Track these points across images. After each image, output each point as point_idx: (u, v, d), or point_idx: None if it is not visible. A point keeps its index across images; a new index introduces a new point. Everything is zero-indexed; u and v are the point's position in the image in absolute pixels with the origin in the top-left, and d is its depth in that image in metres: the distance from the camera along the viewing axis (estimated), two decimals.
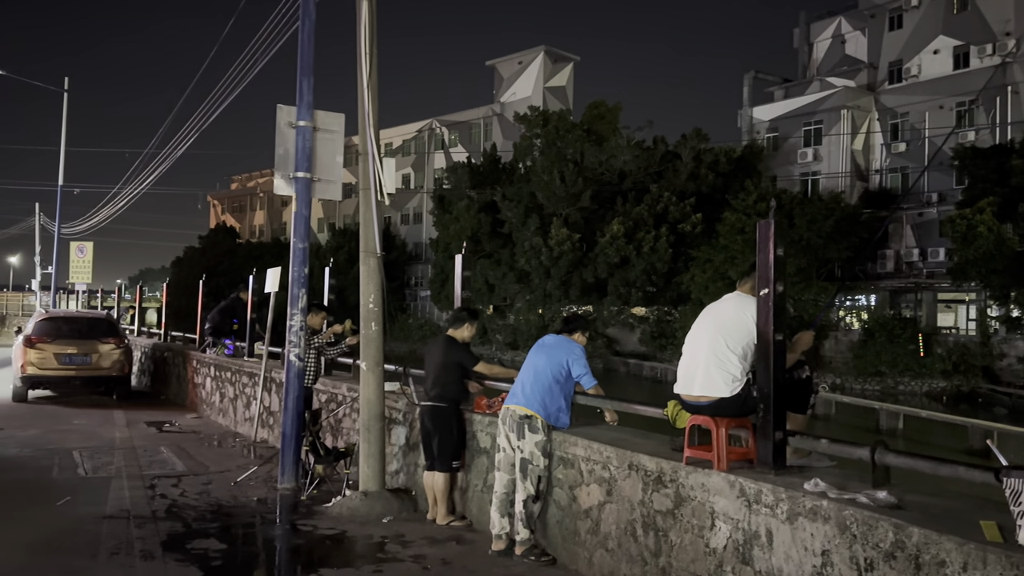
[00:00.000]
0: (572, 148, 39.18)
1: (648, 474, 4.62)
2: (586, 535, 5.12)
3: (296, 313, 7.65)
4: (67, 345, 13.92)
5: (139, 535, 5.95)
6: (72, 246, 30.01)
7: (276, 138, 7.58)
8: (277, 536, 6.31)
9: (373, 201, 7.17)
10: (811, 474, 3.98)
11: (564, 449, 5.39)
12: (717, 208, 35.20)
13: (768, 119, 43.68)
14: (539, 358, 5.65)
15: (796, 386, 4.32)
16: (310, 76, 7.67)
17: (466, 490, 6.49)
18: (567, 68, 57.85)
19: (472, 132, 58.14)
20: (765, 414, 4.09)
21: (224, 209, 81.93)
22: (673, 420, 4.60)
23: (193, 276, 44.89)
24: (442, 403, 6.30)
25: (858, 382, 29.62)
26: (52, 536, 5.87)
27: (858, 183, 40.37)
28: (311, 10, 7.74)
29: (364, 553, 5.73)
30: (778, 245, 4.04)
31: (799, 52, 46.84)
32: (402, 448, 7.47)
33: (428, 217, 53.24)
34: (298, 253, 7.74)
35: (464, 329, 6.53)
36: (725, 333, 4.30)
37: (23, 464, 8.58)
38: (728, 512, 4.09)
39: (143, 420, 12.24)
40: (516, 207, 38.87)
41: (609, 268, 36.32)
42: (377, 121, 7.23)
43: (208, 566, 5.34)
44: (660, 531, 4.51)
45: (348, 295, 24.16)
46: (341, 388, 8.86)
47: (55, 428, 11.22)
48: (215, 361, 13.04)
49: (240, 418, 11.61)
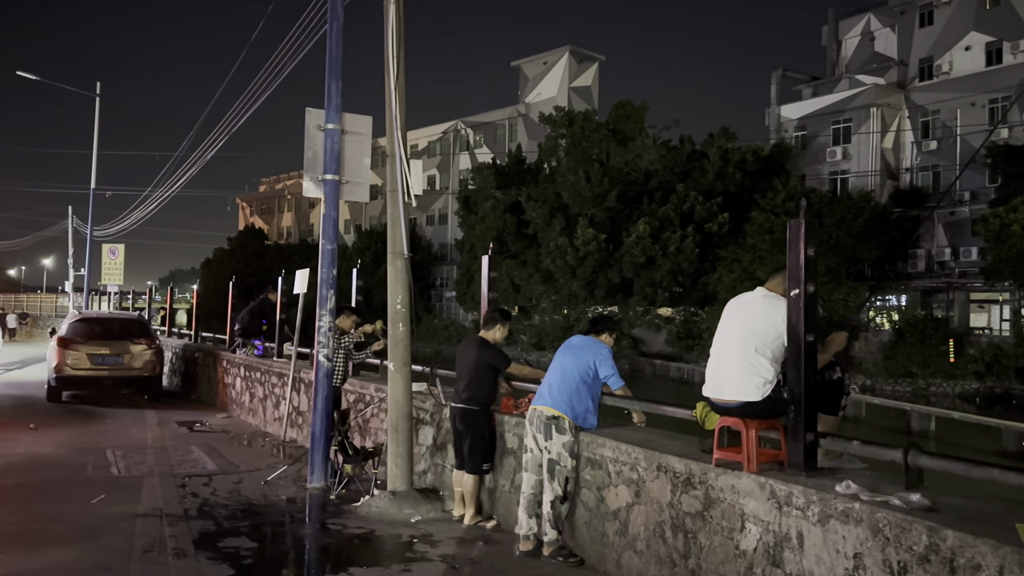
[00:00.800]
0: (598, 148, 39.07)
1: (677, 476, 4.60)
2: (614, 536, 5.11)
3: (325, 314, 7.71)
4: (100, 346, 14.15)
5: (172, 533, 6.03)
6: (104, 248, 30.48)
7: (305, 141, 7.66)
8: (307, 535, 6.37)
9: (401, 203, 7.22)
10: (843, 476, 3.94)
11: (592, 450, 5.38)
12: (745, 208, 34.91)
13: (796, 118, 43.24)
14: (566, 359, 5.65)
15: (827, 387, 4.27)
16: (338, 79, 7.74)
17: (494, 491, 6.51)
18: (592, 68, 57.70)
19: (497, 133, 58.20)
20: (796, 416, 4.06)
21: (253, 211, 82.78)
22: (702, 422, 4.58)
23: (222, 277, 45.42)
24: (474, 405, 6.32)
25: (889, 383, 29.22)
26: (87, 534, 5.97)
27: (888, 182, 39.84)
28: (339, 13, 7.81)
29: (393, 552, 5.77)
30: (809, 245, 4.01)
31: (827, 50, 46.32)
32: (429, 448, 7.50)
33: (453, 218, 53.41)
34: (326, 254, 7.81)
35: (496, 331, 6.55)
36: (755, 336, 4.27)
37: (58, 462, 8.74)
38: (758, 514, 4.06)
39: (174, 420, 12.40)
40: (541, 207, 38.85)
41: (635, 268, 36.17)
42: (405, 123, 7.28)
43: (239, 564, 5.41)
44: (689, 533, 4.49)
45: (375, 296, 24.27)
46: (369, 388, 8.92)
47: (88, 427, 11.41)
48: (245, 361, 13.19)
49: (269, 418, 11.73)
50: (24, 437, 10.34)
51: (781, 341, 4.18)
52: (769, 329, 4.23)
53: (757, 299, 4.45)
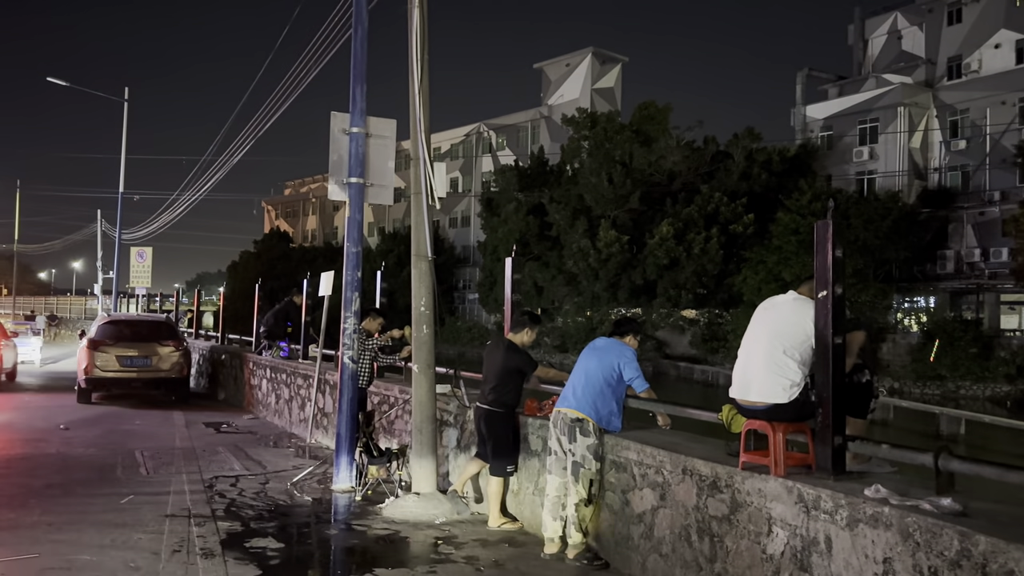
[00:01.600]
0: (620, 149, 38.94)
1: (703, 479, 4.57)
2: (639, 539, 5.09)
3: (350, 316, 7.76)
4: (128, 348, 14.34)
5: (199, 533, 6.10)
6: (132, 251, 30.92)
7: (330, 144, 7.71)
8: (332, 536, 6.41)
9: (424, 205, 7.26)
10: (871, 480, 3.90)
11: (616, 453, 5.37)
12: (770, 208, 34.62)
13: (822, 117, 42.83)
14: (590, 361, 5.64)
15: (856, 390, 4.23)
16: (363, 83, 7.79)
17: (517, 492, 6.51)
18: (615, 69, 57.58)
19: (520, 135, 58.26)
20: (824, 419, 4.02)
21: (278, 214, 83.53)
22: (728, 424, 4.55)
23: (248, 280, 45.84)
24: (499, 408, 6.33)
25: (917, 386, 28.84)
26: (117, 533, 6.05)
27: (916, 182, 39.33)
28: (364, 18, 7.86)
29: (418, 553, 5.79)
30: (836, 246, 3.97)
31: (854, 49, 45.85)
32: (453, 450, 7.52)
33: (476, 220, 53.52)
34: (351, 257, 7.86)
35: (524, 334, 6.55)
36: (783, 338, 4.24)
37: (88, 463, 8.86)
38: (785, 518, 4.03)
39: (201, 421, 12.54)
40: (564, 209, 38.80)
41: (658, 270, 36.00)
42: (428, 127, 7.31)
43: (266, 565, 5.45)
44: (715, 536, 4.46)
45: (398, 298, 24.38)
46: (393, 390, 8.96)
47: (118, 428, 11.57)
48: (271, 363, 13.31)
49: (295, 419, 11.82)
50: (55, 438, 10.52)
51: (809, 343, 4.15)
52: (798, 331, 4.20)
53: (787, 302, 4.42)
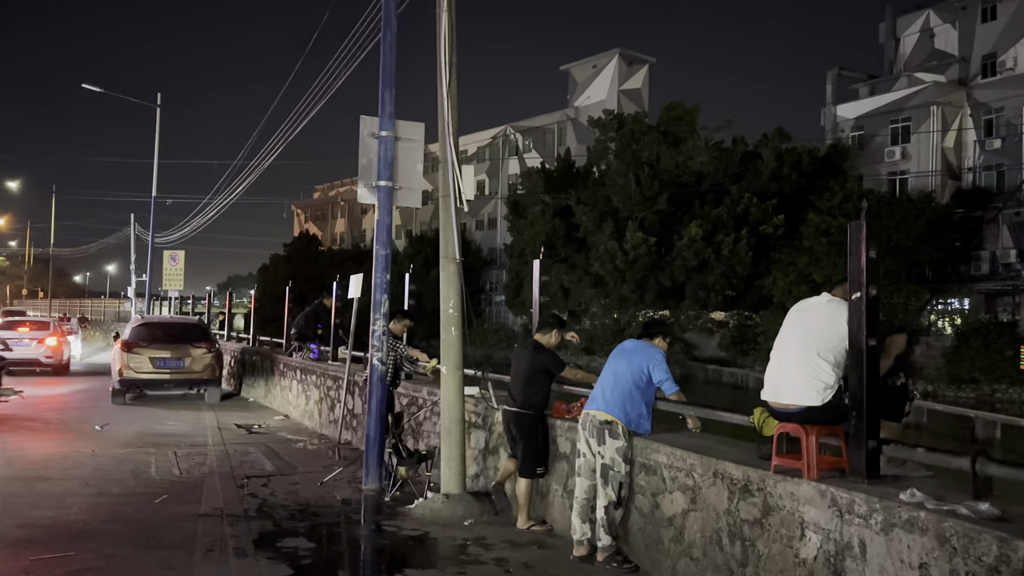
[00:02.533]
0: (648, 151, 38.77)
1: (734, 482, 4.54)
2: (670, 543, 5.06)
3: (379, 318, 7.81)
4: (162, 349, 14.55)
5: (232, 533, 6.17)
6: (165, 255, 31.38)
7: (359, 148, 7.77)
8: (362, 536, 6.46)
9: (453, 208, 7.28)
10: (907, 484, 3.84)
11: (646, 456, 5.34)
12: (800, 209, 34.24)
13: (853, 117, 42.29)
14: (619, 363, 5.62)
15: (891, 393, 4.17)
16: (392, 87, 7.84)
17: (546, 495, 6.51)
18: (642, 70, 57.34)
19: (546, 137, 58.23)
20: (858, 422, 3.97)
21: (307, 218, 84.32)
22: (760, 427, 4.51)
23: (278, 283, 46.29)
24: (528, 410, 6.33)
25: (951, 389, 28.35)
26: (152, 532, 6.14)
27: (949, 182, 38.69)
28: (392, 23, 7.91)
29: (447, 555, 5.81)
30: (870, 247, 3.93)
31: (885, 48, 45.24)
32: (482, 452, 7.54)
33: (502, 223, 53.58)
34: (380, 259, 7.91)
35: (551, 335, 6.57)
36: (817, 340, 4.19)
37: (123, 463, 9.00)
38: (819, 522, 3.99)
39: (233, 422, 12.68)
40: (591, 211, 38.70)
41: (687, 272, 35.77)
42: (456, 130, 7.34)
43: (298, 564, 5.51)
44: (747, 540, 4.43)
45: (425, 300, 24.42)
46: (422, 391, 9.00)
47: (151, 429, 11.74)
48: (301, 365, 13.43)
49: (325, 420, 11.91)
50: (90, 438, 10.70)
51: (843, 345, 4.10)
52: (832, 333, 4.15)
53: (820, 304, 4.38)
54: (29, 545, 5.73)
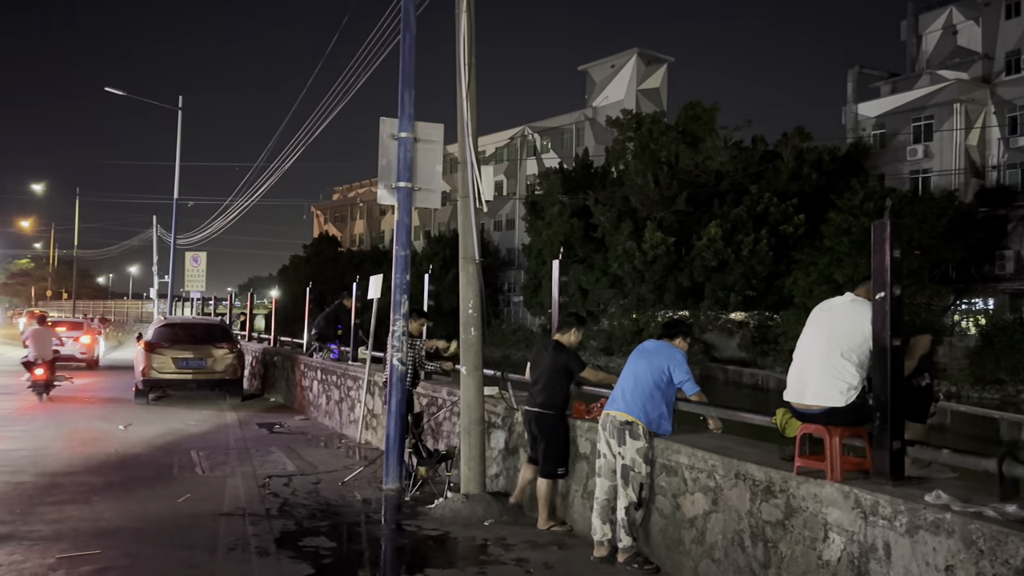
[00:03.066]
0: (666, 150, 38.59)
1: (756, 483, 4.51)
2: (691, 544, 5.04)
3: (399, 319, 7.84)
4: (184, 350, 14.68)
5: (254, 532, 6.22)
6: (187, 256, 31.67)
7: (379, 149, 7.80)
8: (383, 535, 6.48)
9: (472, 208, 7.30)
10: (932, 486, 3.80)
11: (667, 456, 5.33)
12: (821, 209, 33.95)
13: (874, 115, 41.88)
14: (639, 364, 5.61)
15: (915, 394, 4.13)
16: (411, 88, 7.87)
17: (566, 495, 6.50)
18: (661, 70, 57.13)
19: (564, 138, 58.15)
20: (882, 423, 3.94)
21: (327, 219, 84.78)
22: (782, 429, 4.48)
23: (298, 284, 46.58)
24: (549, 409, 6.34)
25: (975, 390, 27.99)
26: (175, 531, 6.20)
27: (973, 180, 38.22)
28: (412, 24, 7.93)
29: (467, 555, 5.82)
30: (895, 246, 3.89)
31: (907, 45, 44.75)
32: (501, 452, 7.54)
33: (520, 223, 53.58)
34: (400, 260, 7.93)
35: (571, 334, 6.56)
36: (840, 340, 4.16)
37: (147, 462, 9.11)
38: (842, 524, 3.95)
39: (254, 421, 12.78)
40: (609, 211, 38.58)
41: (706, 272, 35.57)
42: (476, 130, 7.35)
43: (319, 563, 5.54)
44: (769, 542, 4.40)
45: (444, 301, 24.53)
46: (441, 392, 9.02)
47: (174, 428, 11.85)
48: (321, 365, 13.50)
49: (345, 420, 11.97)
50: (114, 438, 10.82)
51: (867, 346, 4.07)
52: (855, 333, 4.12)
53: (844, 303, 4.34)
54: (56, 542, 5.81)
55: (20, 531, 6.08)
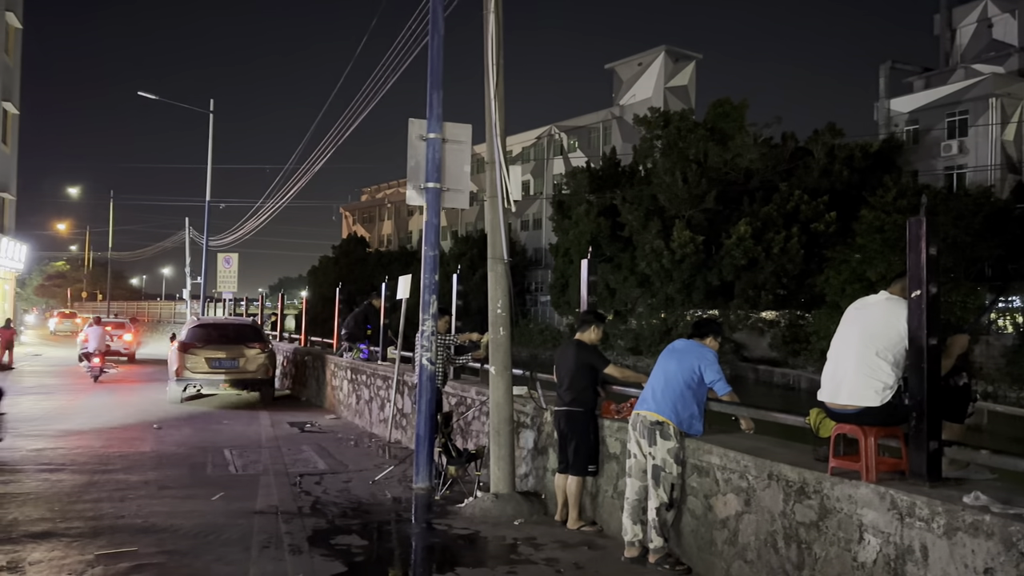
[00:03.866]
0: (695, 148, 38.29)
1: (790, 484, 4.47)
2: (723, 545, 5.01)
3: (428, 319, 7.87)
4: (217, 350, 14.87)
5: (287, 530, 6.29)
6: (219, 257, 32.07)
7: (408, 150, 7.84)
8: (414, 534, 6.52)
9: (500, 208, 7.31)
10: (970, 487, 3.74)
11: (698, 457, 5.29)
12: (853, 206, 33.50)
13: (907, 111, 41.23)
14: (670, 363, 5.57)
15: (952, 394, 4.07)
16: (439, 90, 7.89)
17: (596, 495, 6.48)
18: (689, 67, 56.75)
19: (591, 136, 58.00)
20: (919, 423, 3.88)
21: (355, 220, 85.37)
22: (816, 429, 4.43)
23: (328, 284, 46.93)
24: (578, 407, 6.33)
25: (1012, 390, 27.44)
26: (209, 529, 6.29)
27: (1009, 176, 37.47)
28: (440, 25, 7.96)
29: (497, 554, 5.83)
30: (930, 244, 3.83)
31: (940, 39, 44.00)
32: (531, 452, 7.54)
33: (547, 223, 53.51)
34: (429, 260, 7.96)
35: (591, 332, 6.56)
36: (875, 339, 4.10)
37: (180, 461, 9.24)
38: (878, 525, 3.90)
39: (286, 420, 12.91)
40: (637, 210, 38.38)
41: (735, 270, 35.26)
42: (504, 130, 7.36)
43: (351, 561, 5.58)
44: (803, 543, 4.35)
45: (471, 300, 24.48)
46: (470, 391, 9.05)
47: (207, 427, 12.02)
48: (351, 365, 13.61)
49: (375, 419, 12.05)
50: (149, 436, 11.00)
51: (903, 345, 4.01)
52: (891, 332, 4.06)
53: (879, 302, 4.28)
54: (94, 539, 5.92)
55: (59, 528, 6.21)
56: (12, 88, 35.38)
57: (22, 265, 37.33)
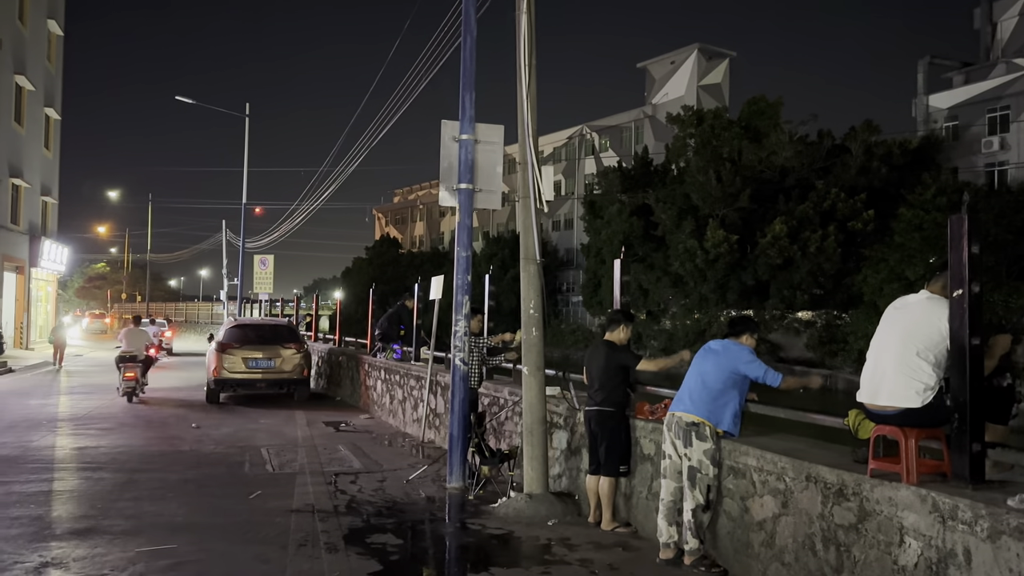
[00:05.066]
0: (729, 146, 37.92)
1: (828, 486, 4.41)
2: (760, 548, 4.95)
3: (460, 319, 7.89)
4: (254, 350, 15.06)
5: (323, 528, 6.35)
6: (255, 259, 32.53)
7: (441, 152, 7.87)
8: (448, 534, 6.54)
9: (532, 209, 7.30)
10: (1015, 489, 3.66)
11: (734, 458, 5.24)
12: (891, 204, 32.92)
13: (947, 107, 40.41)
14: (705, 363, 5.53)
15: (996, 395, 3.98)
16: (472, 91, 7.92)
17: (630, 496, 6.45)
18: (722, 65, 56.23)
19: (623, 136, 57.75)
20: (961, 424, 3.80)
21: (387, 221, 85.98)
22: (855, 430, 4.36)
23: (361, 285, 47.34)
24: (609, 407, 6.30)
25: None
26: (247, 527, 6.38)
27: None
28: (472, 27, 7.99)
29: (531, 554, 5.83)
30: (973, 242, 3.75)
31: (981, 34, 43.03)
32: (564, 452, 7.53)
33: (579, 223, 53.39)
34: (462, 261, 7.99)
35: (620, 331, 6.52)
36: (915, 339, 4.03)
37: (219, 460, 9.38)
38: (919, 528, 3.83)
39: (321, 420, 13.04)
40: (670, 209, 38.11)
41: (771, 270, 34.85)
42: (536, 131, 7.36)
43: (387, 560, 5.62)
44: (842, 546, 4.29)
45: (503, 301, 24.56)
46: (503, 392, 9.06)
47: (244, 427, 12.19)
48: (385, 365, 13.70)
49: (408, 419, 12.12)
50: (188, 436, 11.18)
51: (945, 345, 3.93)
52: (932, 332, 3.98)
53: (919, 301, 4.20)
54: (135, 536, 6.03)
55: (102, 525, 6.34)
56: (54, 94, 36.27)
57: (64, 267, 38.20)
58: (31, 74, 31.45)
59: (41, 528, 6.23)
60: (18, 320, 31.96)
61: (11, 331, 30.61)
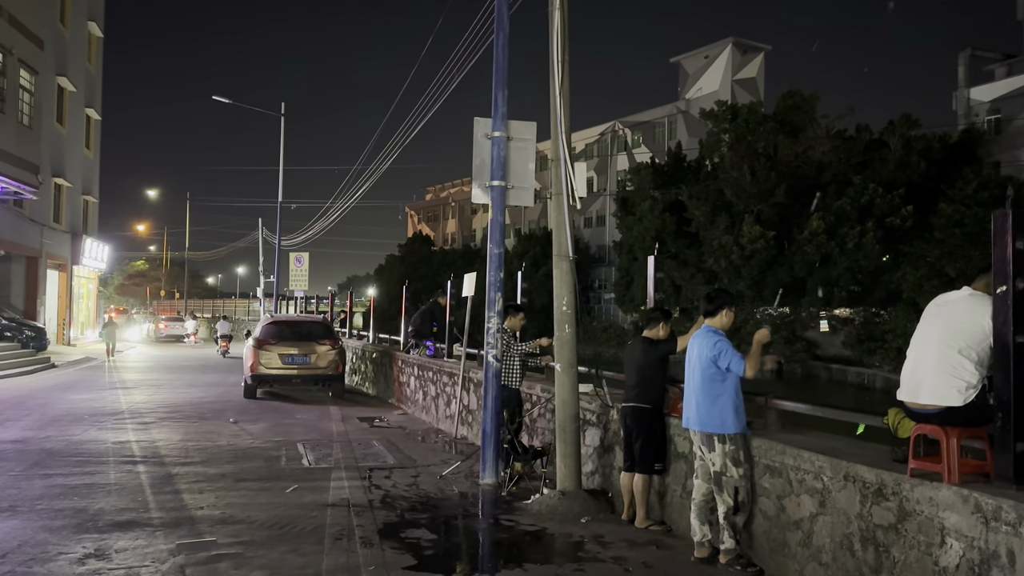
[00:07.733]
0: (764, 141, 37.46)
1: (867, 486, 4.34)
2: (796, 547, 4.90)
3: (493, 316, 7.91)
4: (290, 347, 15.25)
5: (358, 523, 6.41)
6: (291, 256, 32.90)
7: (473, 149, 7.89)
8: (481, 529, 6.57)
9: (565, 206, 7.29)
10: None
11: (771, 457, 5.19)
12: (931, 199, 32.29)
13: (989, 100, 39.50)
14: (692, 359, 5.46)
15: None
16: (504, 88, 7.92)
17: (664, 495, 6.42)
18: (757, 59, 55.56)
19: (656, 132, 57.34)
20: (1004, 423, 3.72)
21: (420, 219, 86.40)
22: (894, 429, 4.29)
23: (393, 282, 47.66)
24: (645, 404, 6.27)
25: None
26: (284, 521, 6.46)
27: None
28: (505, 23, 7.99)
29: (564, 551, 5.83)
30: (1017, 237, 3.67)
31: None
32: (596, 449, 7.52)
33: (611, 220, 53.15)
34: (494, 258, 8.00)
35: (659, 329, 6.48)
36: (958, 337, 3.95)
37: (256, 454, 9.52)
38: (961, 529, 3.76)
39: (355, 415, 13.17)
40: (703, 205, 37.77)
41: (808, 267, 34.39)
42: (569, 128, 7.34)
43: (421, 555, 5.66)
44: (881, 546, 4.23)
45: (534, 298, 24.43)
46: (535, 389, 9.06)
47: (280, 422, 12.35)
48: (418, 361, 13.79)
49: (441, 415, 12.19)
50: (225, 431, 11.36)
51: (988, 342, 3.85)
52: (975, 329, 3.90)
53: (962, 298, 4.12)
54: (175, 528, 6.15)
55: (142, 518, 6.47)
56: (95, 95, 37.02)
57: (104, 265, 38.99)
58: (72, 75, 32.15)
59: (84, 520, 6.37)
60: (60, 317, 32.72)
61: (54, 327, 31.35)
